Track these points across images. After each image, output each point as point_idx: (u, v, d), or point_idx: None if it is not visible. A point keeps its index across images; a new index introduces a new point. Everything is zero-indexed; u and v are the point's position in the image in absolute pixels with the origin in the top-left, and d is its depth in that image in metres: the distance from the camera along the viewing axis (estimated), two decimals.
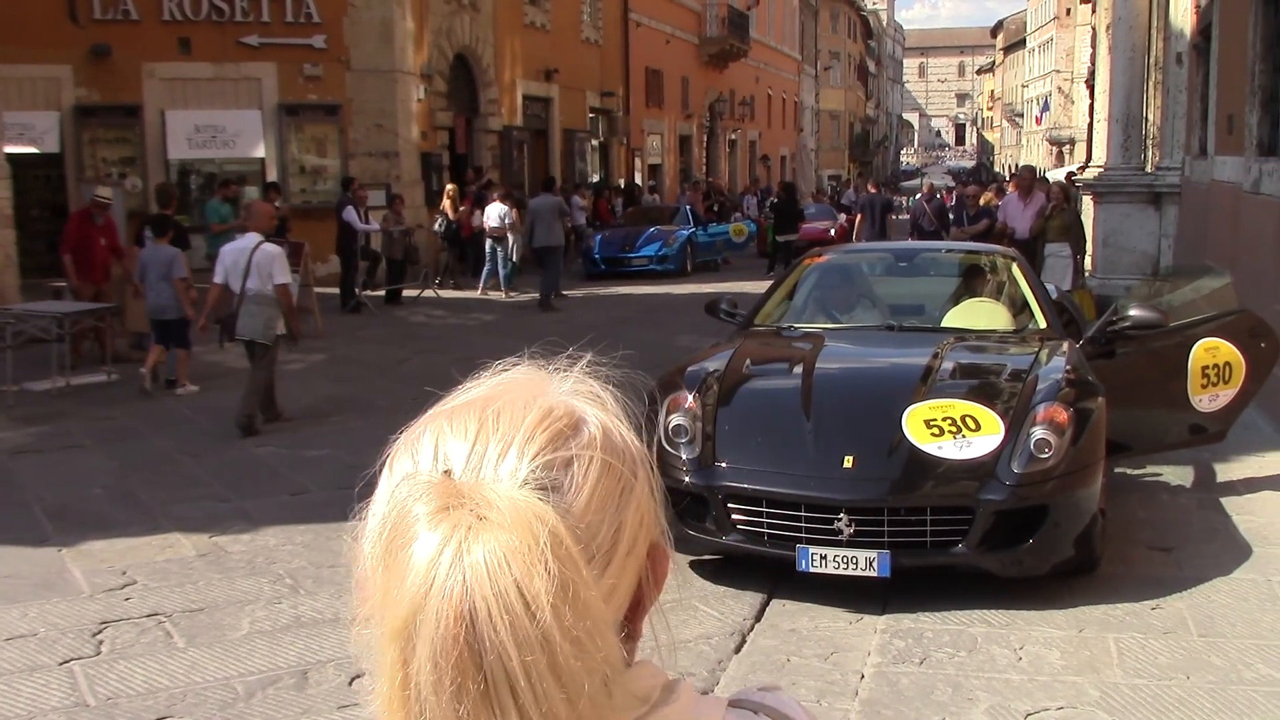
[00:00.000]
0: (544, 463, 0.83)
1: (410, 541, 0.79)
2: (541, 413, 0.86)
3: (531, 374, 0.93)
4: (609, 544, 0.83)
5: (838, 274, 8.47)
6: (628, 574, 0.86)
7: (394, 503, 0.82)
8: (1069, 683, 4.67)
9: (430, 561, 0.77)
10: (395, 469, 0.86)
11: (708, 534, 5.79)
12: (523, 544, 0.77)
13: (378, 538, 0.82)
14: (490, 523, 0.78)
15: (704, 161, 43.15)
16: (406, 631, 0.77)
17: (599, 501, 0.84)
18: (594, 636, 0.78)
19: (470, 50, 24.42)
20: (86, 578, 5.98)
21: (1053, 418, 5.65)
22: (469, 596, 0.76)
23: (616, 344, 4.93)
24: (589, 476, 0.84)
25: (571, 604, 0.77)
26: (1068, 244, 14.93)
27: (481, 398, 0.89)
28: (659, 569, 0.91)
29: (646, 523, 0.89)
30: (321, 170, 21.10)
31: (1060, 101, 67.82)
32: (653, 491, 0.90)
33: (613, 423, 0.90)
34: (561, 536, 0.78)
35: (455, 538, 0.77)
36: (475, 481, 0.81)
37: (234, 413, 9.39)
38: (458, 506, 0.79)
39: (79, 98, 19.83)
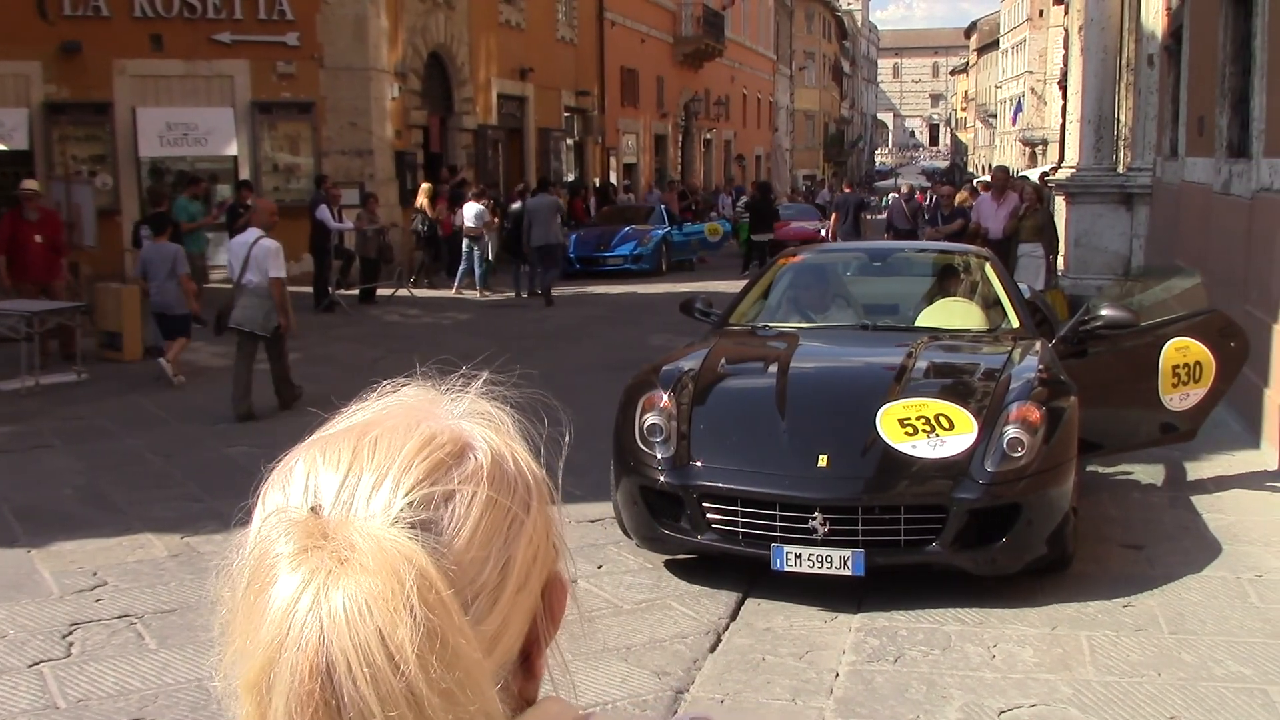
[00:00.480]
0: (421, 497, 0.76)
1: (269, 585, 0.73)
2: (422, 440, 0.79)
3: (423, 396, 0.86)
4: (495, 581, 0.77)
5: (812, 274, 8.49)
6: (519, 611, 0.80)
7: (257, 540, 0.76)
8: (1042, 680, 4.69)
9: (287, 608, 0.71)
10: (266, 503, 0.79)
11: (683, 533, 5.79)
12: (386, 589, 0.71)
13: (239, 579, 0.76)
14: (352, 565, 0.71)
15: (679, 161, 43.17)
16: (261, 684, 0.72)
17: (484, 537, 0.77)
18: (466, 688, 0.72)
19: (445, 48, 24.35)
20: (56, 579, 5.93)
21: (1025, 417, 5.67)
22: (326, 648, 0.70)
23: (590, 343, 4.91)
24: (472, 511, 0.78)
25: (440, 654, 0.71)
26: (1041, 244, 15.03)
27: (361, 424, 0.82)
28: (556, 605, 0.84)
29: (542, 555, 0.82)
30: (295, 168, 20.99)
31: (1033, 102, 68.21)
32: (551, 523, 0.84)
33: (506, 449, 0.83)
34: (432, 580, 0.72)
35: (314, 582, 0.71)
36: (343, 519, 0.74)
37: (276, 405, 10.13)
38: (319, 547, 0.73)
39: (49, 94, 19.65)
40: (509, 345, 13.55)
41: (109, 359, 12.61)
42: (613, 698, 4.57)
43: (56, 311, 11.86)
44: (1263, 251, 8.75)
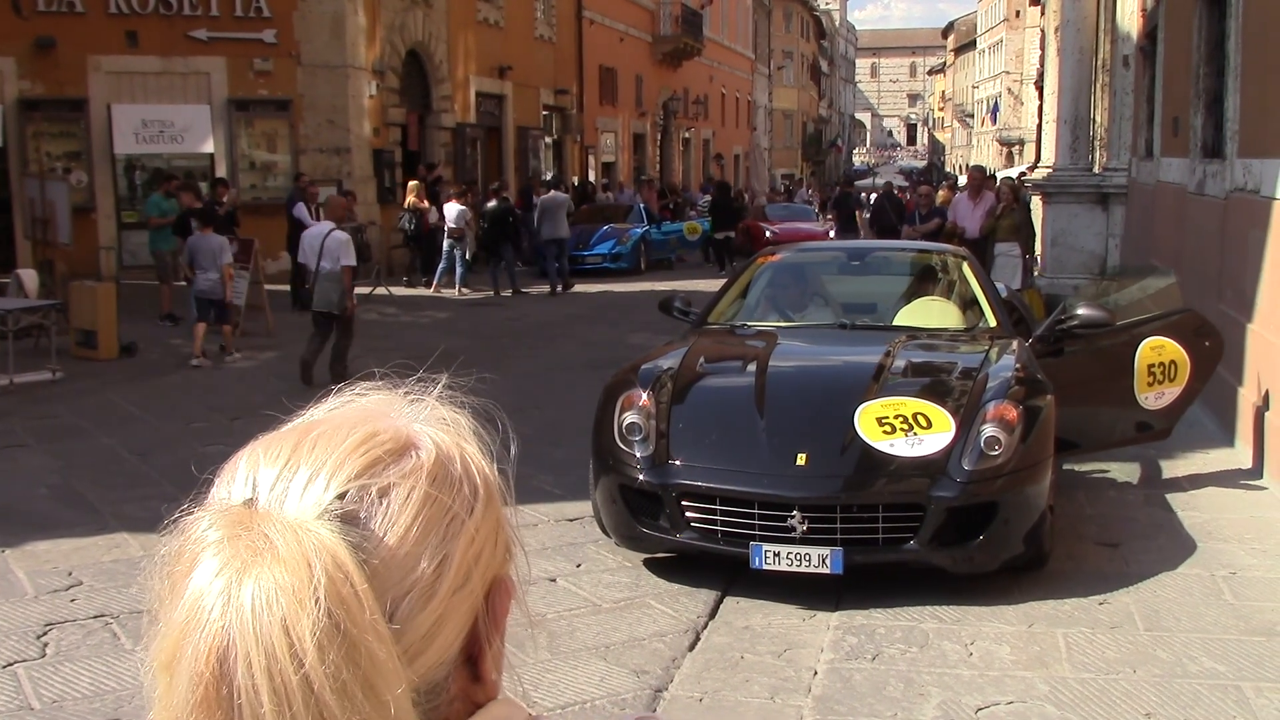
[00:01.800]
0: (355, 490, 0.76)
1: (191, 569, 0.74)
2: (363, 437, 0.80)
3: (379, 400, 0.87)
4: (430, 579, 0.77)
5: (791, 273, 8.50)
6: (458, 611, 0.79)
7: (189, 530, 0.77)
8: (1019, 677, 4.72)
9: (200, 593, 0.72)
10: (210, 498, 0.81)
11: (662, 532, 5.80)
12: (295, 580, 0.70)
13: (166, 563, 0.77)
14: (266, 555, 0.72)
15: (658, 160, 43.17)
16: (172, 665, 0.73)
17: (419, 534, 0.77)
18: (370, 688, 0.71)
19: (423, 46, 24.28)
20: (31, 579, 5.88)
21: (1002, 415, 5.70)
22: (227, 633, 0.70)
23: (569, 342, 4.92)
24: (408, 507, 0.77)
25: (342, 649, 0.70)
26: (1017, 243, 15.09)
27: (308, 423, 0.83)
28: (499, 608, 0.83)
29: (485, 557, 0.81)
30: (272, 166, 20.91)
31: (1010, 103, 68.52)
32: (501, 524, 0.84)
33: (456, 448, 0.83)
34: (348, 573, 0.72)
35: (229, 569, 0.72)
36: (268, 511, 0.75)
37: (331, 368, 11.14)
38: (239, 536, 0.73)
39: (22, 90, 19.52)
40: (487, 344, 13.54)
41: (84, 357, 12.53)
42: (591, 696, 4.57)
43: (31, 310, 11.78)
44: (1236, 251, 8.81)
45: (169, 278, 15.68)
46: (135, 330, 13.51)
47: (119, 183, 20.26)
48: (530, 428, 1.59)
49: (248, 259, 14.72)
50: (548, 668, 4.72)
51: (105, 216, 19.97)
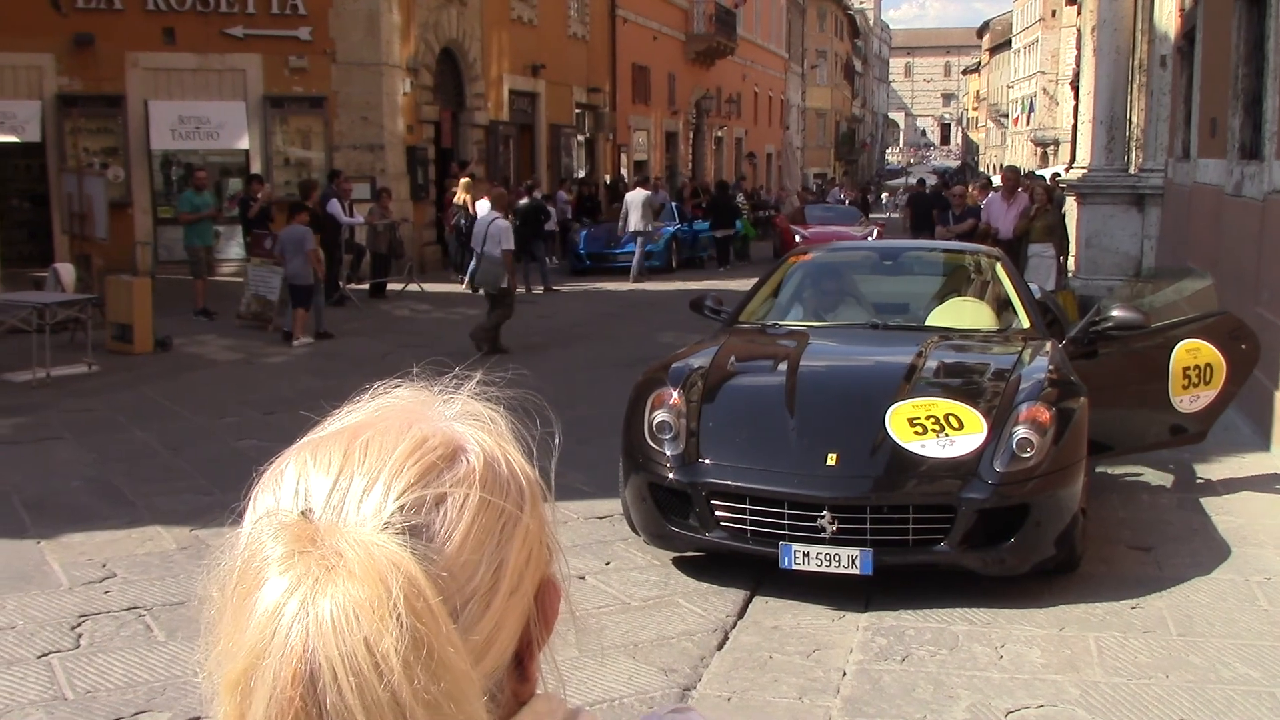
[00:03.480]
0: (412, 501, 0.76)
1: (257, 587, 0.72)
2: (414, 443, 0.79)
3: (414, 397, 0.86)
4: (488, 585, 0.77)
5: (822, 272, 8.48)
6: (512, 615, 0.79)
7: (247, 544, 0.76)
8: (1049, 681, 4.69)
9: (273, 612, 0.71)
10: (257, 506, 0.79)
11: (691, 530, 5.79)
12: (373, 597, 0.70)
13: (227, 578, 0.76)
14: (340, 572, 0.71)
15: (690, 158, 43.14)
16: (243, 685, 0.71)
17: (476, 540, 0.77)
18: (452, 699, 0.71)
19: (457, 44, 24.35)
20: (65, 570, 5.95)
21: (1035, 417, 5.66)
22: (311, 655, 0.69)
23: (600, 340, 4.92)
24: (464, 514, 0.77)
25: (426, 663, 0.70)
26: (1051, 244, 14.98)
27: (352, 426, 0.82)
28: (549, 608, 0.84)
29: (535, 559, 0.82)
30: (306, 163, 21.01)
31: (1045, 103, 68.08)
32: (544, 524, 0.84)
33: (499, 450, 0.83)
34: (420, 588, 0.72)
35: (302, 587, 0.71)
36: (333, 524, 0.74)
37: (472, 332, 12.90)
38: (308, 552, 0.72)
39: (61, 87, 19.71)
40: (518, 341, 13.57)
41: (119, 351, 12.65)
42: (619, 694, 4.58)
43: (68, 304, 11.89)
44: (1274, 253, 8.71)
45: (203, 273, 15.80)
46: (170, 325, 13.62)
47: (155, 178, 20.43)
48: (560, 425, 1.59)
49: (282, 255, 14.80)
50: (576, 665, 4.73)
51: (141, 212, 20.14)
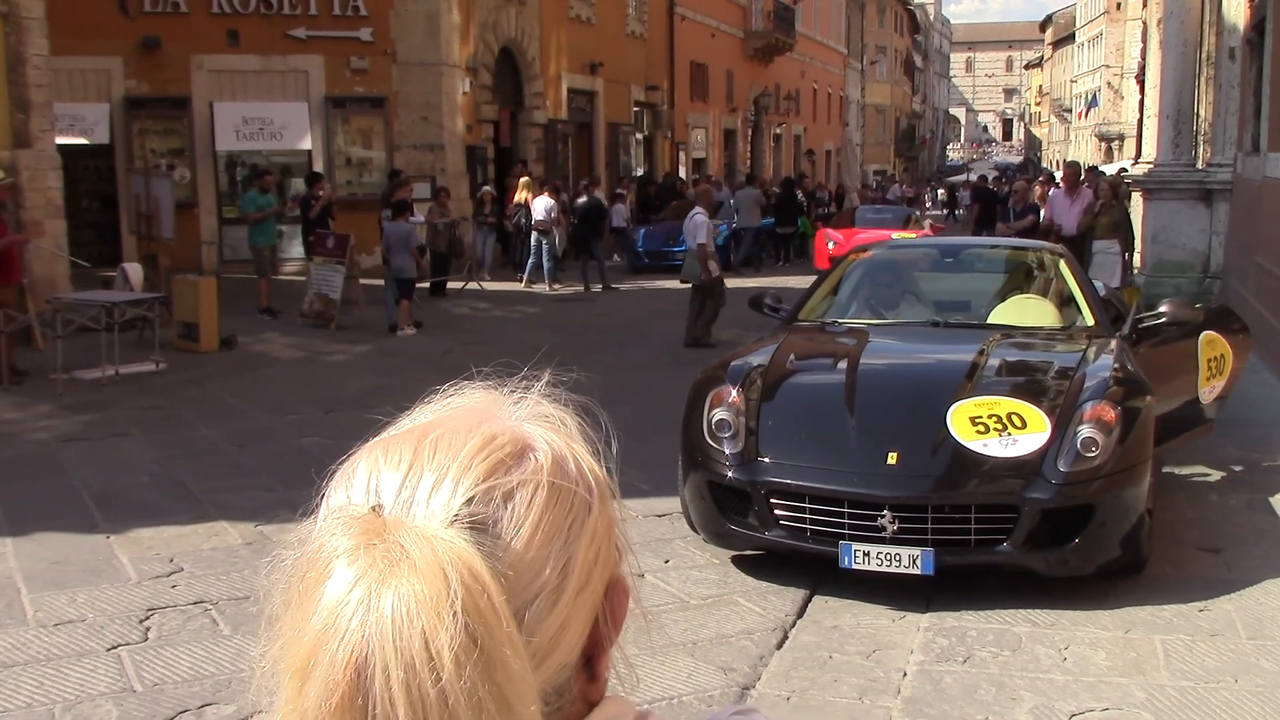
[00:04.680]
0: (481, 495, 0.76)
1: (324, 578, 0.73)
2: (483, 440, 0.79)
3: (484, 398, 0.87)
4: (556, 582, 0.77)
5: (883, 269, 8.41)
6: (580, 613, 0.79)
7: (317, 535, 0.77)
8: (1114, 684, 4.62)
9: (338, 602, 0.72)
10: (330, 502, 0.80)
11: (750, 529, 5.78)
12: (433, 591, 0.70)
13: (296, 570, 0.77)
14: (404, 566, 0.71)
15: (748, 156, 43.01)
16: (304, 671, 0.72)
17: (544, 537, 0.77)
18: (502, 701, 0.71)
19: (515, 43, 24.47)
20: (134, 565, 6.05)
21: (1100, 416, 5.58)
22: (367, 645, 0.70)
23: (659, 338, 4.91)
24: (533, 510, 0.77)
25: (478, 662, 0.70)
26: (1116, 241, 14.76)
27: (423, 425, 0.83)
28: (618, 607, 0.84)
29: (604, 557, 0.82)
30: (367, 162, 21.23)
31: (1109, 97, 67.08)
32: (613, 522, 0.84)
33: (568, 449, 0.83)
34: (484, 584, 0.72)
35: (367, 580, 0.71)
36: (401, 519, 0.75)
37: (688, 331, 13.74)
38: (374, 545, 0.73)
39: (129, 89, 20.07)
40: (576, 339, 13.62)
41: (185, 349, 12.84)
42: (678, 693, 4.57)
43: (136, 303, 12.10)
44: None
45: (267, 272, 16.00)
46: (234, 323, 13.81)
47: (220, 179, 20.73)
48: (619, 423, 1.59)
49: (343, 254, 14.97)
50: (635, 662, 4.71)
51: (207, 212, 20.44)
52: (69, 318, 11.49)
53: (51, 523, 6.74)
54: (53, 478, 7.82)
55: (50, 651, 4.94)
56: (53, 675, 4.70)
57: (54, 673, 4.73)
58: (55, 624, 5.24)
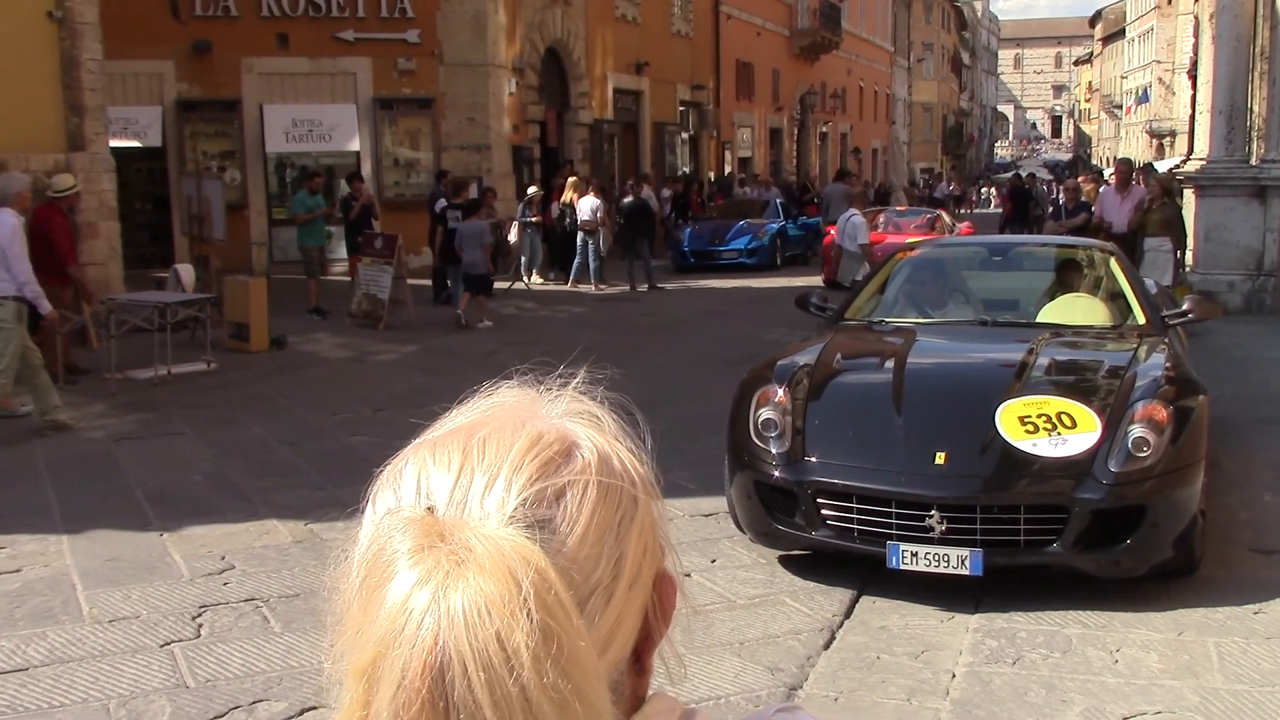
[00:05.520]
0: (534, 494, 0.77)
1: (387, 580, 0.73)
2: (530, 439, 0.80)
3: (521, 397, 0.87)
4: (609, 578, 0.77)
5: (930, 268, 8.37)
6: (632, 608, 0.80)
7: (374, 539, 0.77)
8: (1167, 687, 4.56)
9: (402, 604, 0.72)
10: (378, 504, 0.80)
11: (796, 529, 5.76)
12: (504, 591, 0.71)
13: (356, 574, 0.77)
14: (470, 566, 0.72)
15: (794, 155, 42.88)
16: (370, 673, 0.73)
17: (596, 533, 0.77)
18: (581, 696, 0.71)
19: (561, 43, 24.54)
20: (187, 562, 6.12)
21: (1152, 416, 5.52)
22: (441, 648, 0.70)
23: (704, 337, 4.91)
24: (584, 507, 0.78)
25: (556, 659, 0.70)
26: (1168, 238, 14.57)
27: (467, 425, 0.83)
28: (666, 600, 0.84)
29: (651, 551, 0.82)
30: (414, 163, 21.37)
31: (1160, 93, 66.22)
32: (658, 517, 0.84)
33: (610, 446, 0.84)
34: (550, 581, 0.72)
35: (433, 581, 0.71)
36: (458, 519, 0.75)
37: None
38: (437, 546, 0.73)
39: (180, 92, 20.33)
40: (623, 339, 13.63)
41: (236, 349, 12.99)
42: (725, 693, 4.57)
43: (187, 303, 12.25)
44: None
45: (316, 272, 16.15)
46: (284, 323, 13.95)
47: (269, 180, 20.95)
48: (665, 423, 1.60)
49: (391, 254, 15.07)
50: (675, 669, 4.72)
51: (257, 213, 20.67)
52: (123, 318, 11.65)
53: (106, 520, 6.83)
54: (107, 476, 7.94)
55: (105, 647, 5.01)
56: (108, 671, 4.77)
57: (109, 668, 4.80)
58: (110, 620, 5.32)
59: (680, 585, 0.86)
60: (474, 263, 15.42)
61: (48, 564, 6.11)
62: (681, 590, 0.87)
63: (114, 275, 13.95)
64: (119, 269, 14.22)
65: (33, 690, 4.59)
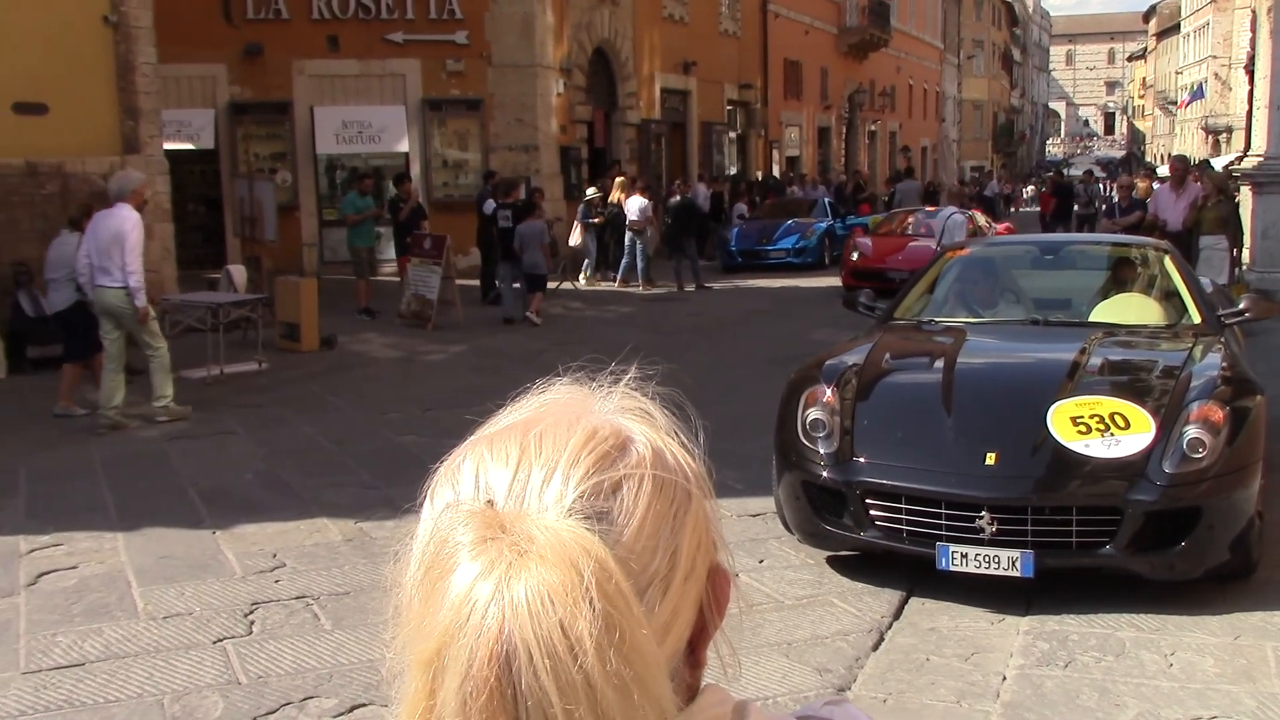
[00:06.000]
0: (591, 487, 0.78)
1: (449, 572, 0.75)
2: (586, 434, 0.81)
3: (575, 393, 0.88)
4: (665, 570, 0.79)
5: (980, 267, 8.29)
6: (687, 600, 0.81)
7: (435, 532, 0.78)
8: (1223, 691, 4.49)
9: (466, 594, 0.73)
10: (436, 500, 0.82)
11: (845, 530, 5.73)
12: (566, 581, 0.72)
13: (418, 567, 0.78)
14: (532, 557, 0.73)
15: (843, 153, 42.67)
16: (436, 663, 0.74)
17: (652, 526, 0.79)
18: (643, 683, 0.73)
19: (609, 44, 24.57)
20: (239, 560, 6.19)
21: (1207, 416, 5.43)
22: (507, 637, 0.71)
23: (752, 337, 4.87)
24: (640, 500, 0.79)
25: (618, 648, 0.72)
26: (1224, 236, 14.35)
27: (523, 421, 0.84)
28: (720, 593, 0.86)
29: (705, 545, 0.84)
30: (463, 164, 21.48)
31: (1216, 88, 65.26)
32: (711, 511, 0.86)
33: (663, 440, 0.85)
34: (610, 571, 0.73)
35: (496, 572, 0.73)
36: (518, 511, 0.77)
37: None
38: (498, 538, 0.74)
39: (233, 95, 20.56)
40: (670, 339, 13.63)
41: (287, 349, 13.11)
42: (773, 693, 4.55)
43: (240, 304, 12.38)
44: None
45: (365, 273, 16.27)
46: (334, 323, 14.07)
47: (320, 182, 21.13)
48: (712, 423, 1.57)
49: (440, 255, 15.16)
50: (723, 669, 4.72)
51: (308, 214, 20.87)
52: (176, 319, 11.81)
53: (160, 518, 6.92)
54: (161, 474, 8.04)
55: (159, 643, 5.08)
56: (161, 666, 4.84)
57: (163, 664, 4.86)
58: (164, 617, 5.39)
59: (734, 579, 0.88)
60: (535, 263, 15.79)
61: (104, 561, 6.20)
62: (735, 584, 0.88)
63: (168, 276, 14.12)
64: (172, 270, 14.40)
65: (89, 685, 4.66)
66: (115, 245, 9.17)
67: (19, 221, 12.70)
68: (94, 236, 9.29)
